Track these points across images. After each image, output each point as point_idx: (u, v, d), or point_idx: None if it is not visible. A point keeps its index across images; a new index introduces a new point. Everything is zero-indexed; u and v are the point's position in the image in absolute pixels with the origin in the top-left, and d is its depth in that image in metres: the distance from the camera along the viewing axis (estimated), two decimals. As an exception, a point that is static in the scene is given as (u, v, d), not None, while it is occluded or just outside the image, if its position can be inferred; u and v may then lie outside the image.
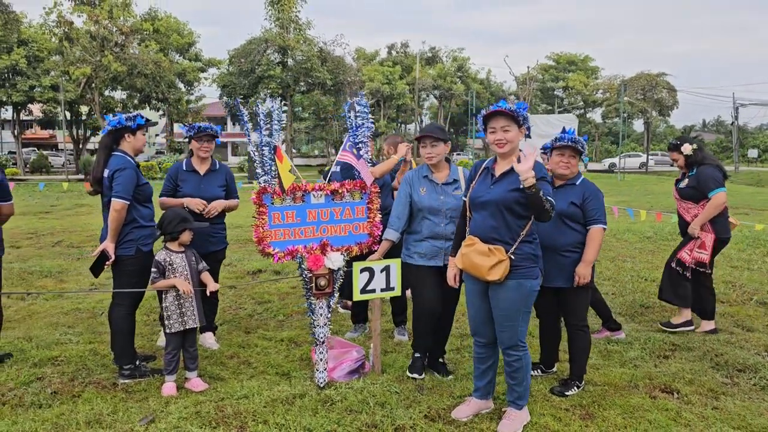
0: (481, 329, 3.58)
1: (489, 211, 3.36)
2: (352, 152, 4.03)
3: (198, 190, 4.65)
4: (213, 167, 4.74)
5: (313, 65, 31.69)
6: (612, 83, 67.13)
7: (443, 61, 61.94)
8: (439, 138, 4.08)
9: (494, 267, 3.27)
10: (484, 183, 3.45)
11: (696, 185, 5.14)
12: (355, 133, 4.05)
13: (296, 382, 4.09)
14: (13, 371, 4.29)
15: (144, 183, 4.25)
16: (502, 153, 3.37)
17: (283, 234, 3.82)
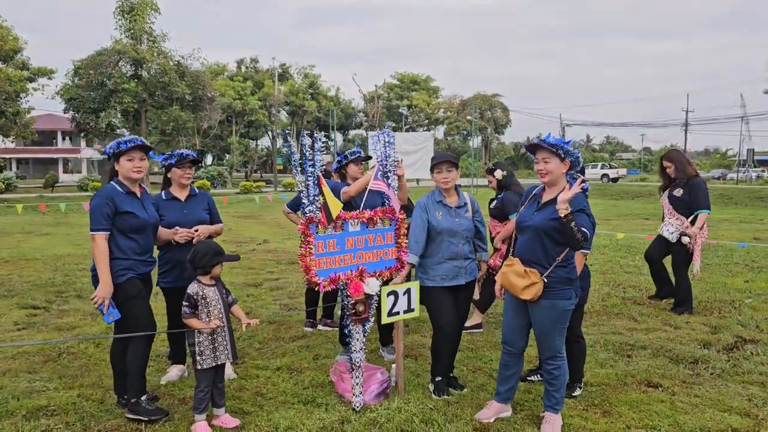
0: (511, 339, 3.94)
1: (529, 236, 3.73)
2: (384, 180, 4.19)
3: (182, 216, 4.51)
4: (192, 192, 4.64)
5: (171, 79, 30.32)
6: (452, 102, 71.66)
7: (294, 78, 62.08)
8: (455, 164, 4.38)
9: (527, 288, 3.65)
10: (530, 208, 3.81)
11: (501, 206, 5.88)
12: (385, 162, 4.22)
13: (330, 408, 4.14)
14: (7, 426, 3.88)
15: (126, 212, 4.00)
16: (545, 182, 3.75)
17: (326, 262, 3.89)
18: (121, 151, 3.95)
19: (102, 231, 3.85)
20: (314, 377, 4.76)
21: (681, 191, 6.35)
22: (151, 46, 31.81)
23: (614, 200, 31.55)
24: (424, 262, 4.45)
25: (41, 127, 53.09)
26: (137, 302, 3.99)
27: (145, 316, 4.02)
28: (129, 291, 3.95)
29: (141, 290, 4.03)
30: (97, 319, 6.63)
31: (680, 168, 6.40)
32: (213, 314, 3.83)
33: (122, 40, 31.41)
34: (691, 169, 6.42)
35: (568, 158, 3.71)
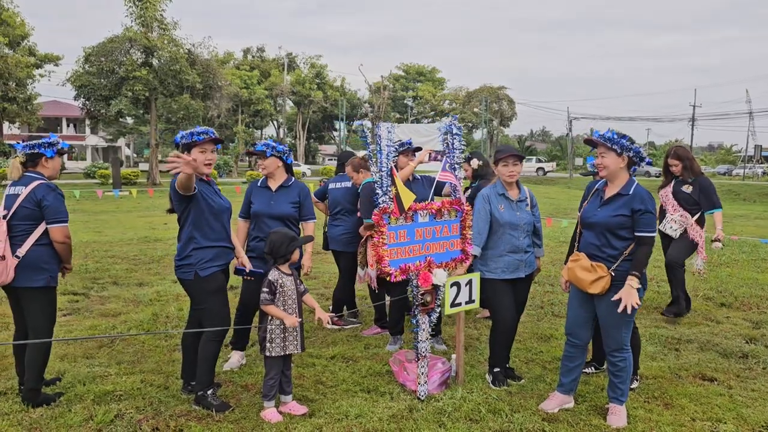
0: (576, 331, 3.98)
1: (595, 231, 3.77)
2: (452, 171, 4.21)
3: (268, 206, 4.55)
4: (285, 183, 4.64)
5: (182, 67, 30.25)
6: (457, 94, 71.54)
7: (300, 68, 61.91)
8: (521, 158, 4.40)
9: (595, 282, 3.69)
10: (593, 204, 3.84)
11: (473, 196, 5.76)
12: (452, 155, 4.25)
13: (394, 397, 4.19)
14: (80, 410, 3.92)
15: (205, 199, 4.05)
16: (603, 176, 3.78)
17: (397, 253, 3.92)
18: (195, 142, 3.96)
19: None
20: (371, 366, 4.80)
21: (690, 188, 6.26)
22: (162, 33, 31.73)
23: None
24: (485, 254, 4.48)
25: (46, 113, 52.97)
26: (217, 297, 4.01)
27: (223, 312, 4.04)
28: (211, 285, 3.97)
29: (222, 286, 4.05)
30: (140, 306, 6.69)
31: (688, 165, 6.22)
32: (288, 303, 3.87)
33: (133, 28, 31.32)
34: (697, 166, 6.32)
35: (626, 153, 3.73)
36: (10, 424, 3.73)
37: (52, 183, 4.06)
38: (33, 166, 4.09)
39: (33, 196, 3.93)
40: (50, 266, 4.02)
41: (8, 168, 4.14)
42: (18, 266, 3.90)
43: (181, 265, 4.02)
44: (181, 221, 4.00)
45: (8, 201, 3.98)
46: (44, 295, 4.02)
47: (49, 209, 3.93)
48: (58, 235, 3.98)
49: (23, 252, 3.91)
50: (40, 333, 4.01)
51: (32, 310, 4.02)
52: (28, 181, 3.99)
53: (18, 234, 3.93)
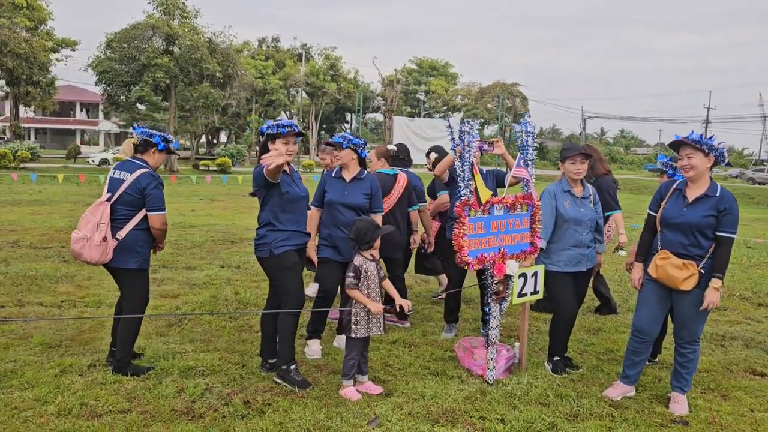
0: (649, 329, 4.15)
1: (682, 231, 3.93)
2: (525, 168, 4.41)
3: (342, 196, 4.75)
4: (359, 176, 4.84)
5: (203, 56, 30.48)
6: (470, 90, 71.55)
7: (315, 59, 62.06)
8: (587, 156, 4.60)
9: (687, 279, 3.87)
10: (676, 204, 4.00)
11: (432, 186, 6.26)
12: (526, 151, 4.44)
13: (464, 380, 4.41)
14: (170, 383, 4.15)
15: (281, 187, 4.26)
16: (689, 177, 3.95)
17: (475, 243, 4.13)
18: (280, 134, 4.18)
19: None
20: (433, 352, 5.02)
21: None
22: (183, 21, 31.93)
23: (633, 194, 31.73)
24: (549, 247, 4.67)
25: (61, 98, 53.34)
26: (292, 273, 4.23)
27: (297, 287, 4.27)
28: (285, 262, 4.20)
29: (296, 262, 4.28)
30: (195, 288, 6.92)
31: (593, 164, 5.89)
32: (371, 288, 4.08)
33: (155, 15, 31.52)
34: (603, 167, 6.22)
35: (712, 153, 3.90)
36: (109, 393, 3.96)
37: (155, 173, 4.30)
38: (142, 153, 4.33)
39: (137, 183, 4.18)
40: (144, 250, 4.29)
41: (123, 146, 4.37)
42: (116, 248, 4.16)
43: (259, 245, 4.29)
44: (261, 205, 4.26)
45: (113, 184, 4.23)
46: (137, 275, 4.29)
47: (151, 197, 4.19)
48: (156, 222, 4.24)
49: (122, 235, 4.17)
50: (133, 309, 4.29)
51: (126, 289, 4.31)
52: (134, 168, 4.23)
53: (119, 218, 4.19)
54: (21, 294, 6.38)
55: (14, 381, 4.11)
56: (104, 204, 4.17)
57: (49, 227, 11.09)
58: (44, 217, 12.81)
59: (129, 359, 4.35)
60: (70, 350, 4.77)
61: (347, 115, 71.31)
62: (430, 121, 48.13)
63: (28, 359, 4.53)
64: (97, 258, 4.12)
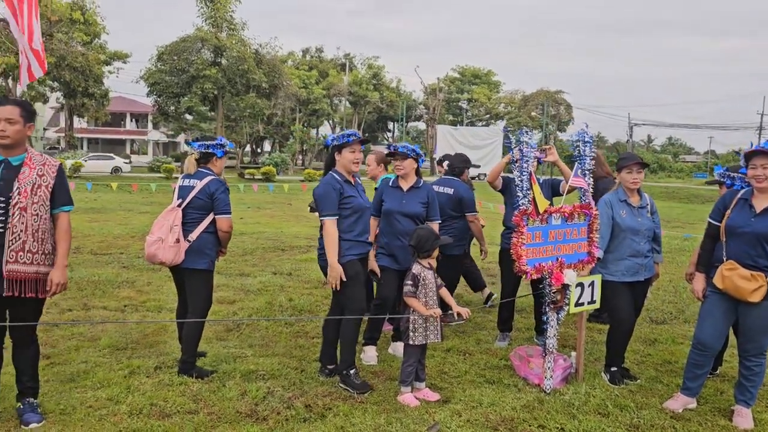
0: (711, 342, 4.07)
1: (749, 241, 3.85)
2: (583, 177, 4.42)
3: (400, 205, 4.83)
4: (416, 185, 4.91)
5: (250, 67, 31.16)
6: (513, 97, 71.09)
7: (358, 68, 62.67)
8: (645, 166, 4.57)
9: (756, 290, 3.80)
10: (742, 214, 3.94)
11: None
12: (583, 161, 4.45)
13: (521, 389, 4.42)
14: (233, 386, 4.29)
15: (347, 197, 4.37)
16: (760, 188, 3.87)
17: (533, 252, 4.15)
18: (346, 143, 4.29)
19: (330, 216, 4.22)
20: (487, 360, 5.04)
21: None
22: (230, 34, 32.71)
23: (683, 203, 30.95)
24: (606, 257, 4.65)
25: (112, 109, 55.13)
26: (354, 282, 4.32)
27: (359, 296, 4.36)
28: (348, 272, 4.29)
29: (359, 271, 4.36)
30: (250, 294, 7.10)
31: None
32: (429, 296, 4.15)
33: (204, 28, 32.38)
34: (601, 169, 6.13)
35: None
36: (176, 394, 4.12)
37: (221, 178, 4.51)
38: (205, 163, 4.57)
39: (207, 189, 4.41)
40: (211, 252, 4.50)
41: (185, 163, 4.64)
42: (187, 249, 4.38)
43: (322, 254, 4.39)
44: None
45: (182, 191, 4.46)
46: (205, 276, 4.50)
47: (219, 201, 4.41)
48: (224, 224, 4.44)
49: (193, 237, 4.39)
50: (198, 309, 4.49)
51: (193, 289, 4.50)
52: (201, 176, 4.46)
53: (190, 221, 4.42)
54: (86, 298, 6.65)
55: (87, 381, 4.31)
56: (176, 209, 4.41)
57: (107, 234, 11.50)
58: (101, 224, 13.27)
59: (194, 360, 4.53)
60: (136, 352, 4.97)
61: (389, 124, 71.64)
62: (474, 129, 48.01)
63: (98, 360, 4.74)
64: (171, 258, 4.33)
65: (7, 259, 3.41)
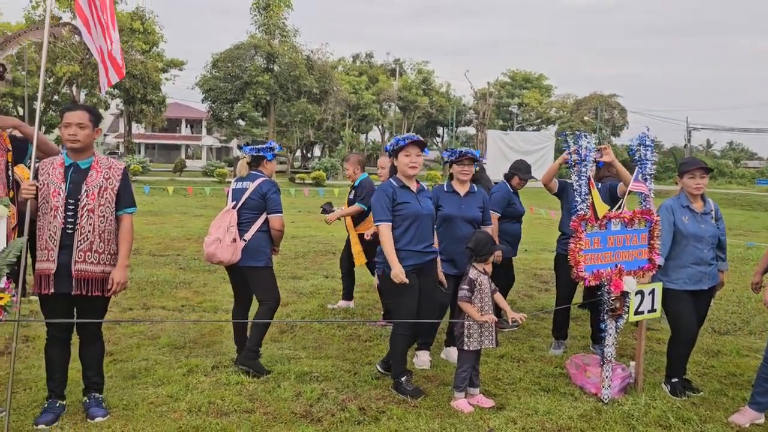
0: None
1: None
2: (644, 182, 4.31)
3: (459, 210, 4.82)
4: (471, 190, 4.90)
5: (301, 73, 31.64)
6: (565, 102, 69.89)
7: (408, 74, 62.81)
8: (708, 170, 4.42)
9: None
10: None
11: None
12: (644, 165, 4.34)
13: (577, 398, 4.32)
14: (288, 387, 4.34)
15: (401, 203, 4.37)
16: None
17: (591, 259, 4.07)
18: (400, 147, 4.29)
19: (384, 221, 4.23)
20: (542, 368, 4.95)
21: None
22: (283, 40, 33.27)
23: (745, 210, 29.77)
24: (668, 264, 4.51)
25: (168, 115, 56.79)
26: (403, 294, 4.29)
27: (408, 308, 4.32)
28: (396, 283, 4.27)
29: (412, 282, 4.25)
30: (302, 297, 7.18)
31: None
32: (483, 301, 4.11)
33: (257, 35, 33.04)
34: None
35: None
36: (233, 393, 4.19)
37: (273, 180, 4.63)
38: (256, 166, 4.69)
39: (259, 189, 4.56)
40: (267, 249, 4.67)
41: (238, 167, 4.76)
42: (244, 249, 4.52)
43: (377, 263, 4.45)
44: None
45: (236, 194, 4.60)
46: (265, 272, 4.67)
47: (271, 201, 4.56)
48: (276, 223, 4.58)
49: (248, 236, 4.55)
50: (267, 300, 4.66)
51: (258, 284, 4.66)
52: (254, 178, 4.60)
53: (244, 221, 4.58)
54: (146, 298, 6.85)
55: (148, 378, 4.44)
56: (231, 211, 4.55)
57: (165, 236, 11.83)
58: (158, 226, 13.66)
59: (258, 349, 4.70)
60: (194, 352, 5.09)
61: (439, 129, 71.41)
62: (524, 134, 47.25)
63: (158, 358, 4.87)
64: (228, 258, 4.46)
65: (76, 259, 3.55)
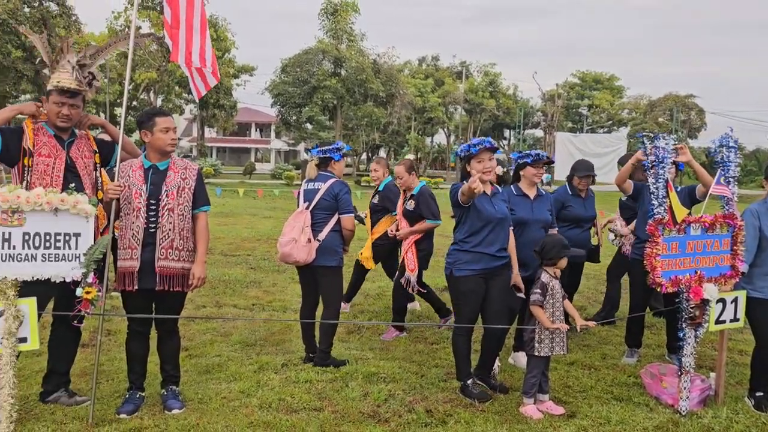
0: None
1: None
2: (726, 185, 4.13)
3: (530, 213, 4.76)
4: (539, 193, 4.83)
5: (368, 76, 31.98)
6: (638, 103, 67.58)
7: (474, 76, 62.36)
8: None
9: None
10: None
11: None
12: (727, 168, 4.16)
13: (652, 408, 4.17)
14: (356, 386, 4.38)
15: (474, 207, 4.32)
16: None
17: (668, 264, 3.92)
18: (472, 154, 4.25)
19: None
20: (615, 376, 4.80)
21: None
22: (350, 45, 33.70)
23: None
24: (752, 272, 4.29)
25: (239, 119, 58.49)
26: (465, 299, 4.27)
27: (468, 312, 4.29)
28: (460, 287, 4.26)
29: (473, 290, 4.23)
30: (369, 298, 7.24)
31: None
32: (555, 306, 4.03)
33: (325, 40, 33.60)
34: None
35: None
36: (302, 391, 4.27)
37: (343, 181, 4.69)
38: (325, 167, 4.75)
39: (331, 190, 4.65)
40: (340, 249, 4.75)
41: (307, 169, 4.86)
42: (318, 248, 4.62)
43: (446, 262, 4.41)
44: (456, 223, 4.34)
45: (308, 195, 4.70)
46: (337, 272, 4.76)
47: (343, 202, 4.65)
48: (348, 223, 4.67)
49: (322, 236, 4.64)
50: (332, 303, 4.75)
51: (327, 285, 4.75)
52: (324, 179, 4.68)
53: (317, 222, 4.67)
54: (218, 296, 7.07)
55: (221, 373, 4.58)
56: (304, 212, 4.65)
57: (236, 237, 12.17)
58: (229, 227, 14.05)
59: (330, 350, 4.79)
60: (264, 349, 5.21)
61: (505, 132, 70.51)
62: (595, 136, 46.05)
63: (230, 355, 5.02)
64: (304, 257, 4.56)
65: (158, 256, 3.71)
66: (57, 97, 3.70)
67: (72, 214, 3.18)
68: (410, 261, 5.67)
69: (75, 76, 3.68)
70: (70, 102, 3.73)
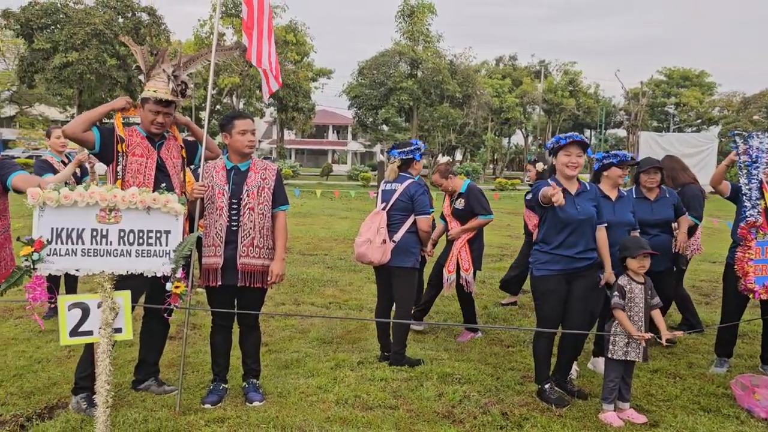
0: None
1: None
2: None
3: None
4: (621, 194, 4.70)
5: (444, 77, 31.91)
6: (731, 100, 64.06)
7: (553, 75, 60.97)
8: None
9: None
10: None
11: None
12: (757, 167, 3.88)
13: (743, 421, 3.97)
14: (431, 386, 4.40)
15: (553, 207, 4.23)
16: None
17: (762, 270, 3.72)
18: (560, 146, 4.16)
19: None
20: (702, 386, 4.59)
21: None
22: (426, 46, 33.72)
23: None
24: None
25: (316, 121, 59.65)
26: (544, 300, 4.21)
27: (547, 313, 4.21)
28: (539, 286, 4.21)
29: (552, 290, 4.15)
30: (444, 299, 7.20)
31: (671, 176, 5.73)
32: (633, 311, 3.90)
33: (402, 42, 33.76)
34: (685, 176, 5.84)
35: None
36: (377, 389, 4.32)
37: (421, 180, 4.73)
38: (405, 168, 4.80)
39: (407, 191, 4.69)
40: (416, 250, 4.78)
41: (387, 171, 4.92)
42: (393, 249, 4.66)
43: (529, 261, 4.40)
44: (540, 222, 4.30)
45: (385, 195, 4.75)
46: (411, 274, 4.78)
47: (419, 203, 4.66)
48: (424, 224, 4.69)
49: (398, 237, 4.69)
50: (405, 304, 4.79)
51: (400, 286, 4.78)
52: (402, 180, 4.73)
53: (393, 223, 4.72)
54: (297, 294, 7.26)
55: (299, 369, 4.70)
56: (381, 213, 4.70)
57: (313, 236, 12.44)
58: (307, 227, 14.37)
59: (404, 350, 4.82)
60: (341, 347, 5.31)
61: (586, 132, 68.51)
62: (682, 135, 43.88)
63: (308, 351, 5.14)
64: (378, 258, 4.61)
65: (240, 253, 3.86)
66: (153, 105, 3.87)
67: (163, 213, 3.35)
68: (464, 260, 5.60)
69: (171, 86, 3.86)
70: (164, 111, 3.90)
